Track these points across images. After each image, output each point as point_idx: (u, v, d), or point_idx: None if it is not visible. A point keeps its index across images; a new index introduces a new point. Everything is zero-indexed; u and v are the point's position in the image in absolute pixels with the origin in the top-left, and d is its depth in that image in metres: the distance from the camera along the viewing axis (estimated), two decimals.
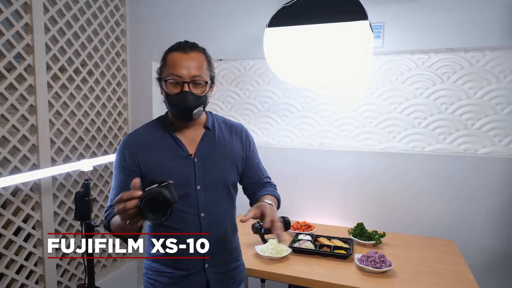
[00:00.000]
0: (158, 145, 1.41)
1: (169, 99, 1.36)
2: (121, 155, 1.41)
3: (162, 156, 1.39)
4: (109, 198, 1.41)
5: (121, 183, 1.38)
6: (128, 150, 1.40)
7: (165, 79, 1.34)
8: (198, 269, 1.42)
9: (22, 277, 2.26)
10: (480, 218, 2.38)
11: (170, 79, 1.34)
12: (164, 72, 1.36)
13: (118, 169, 1.40)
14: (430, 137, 2.50)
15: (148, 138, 1.43)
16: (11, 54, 2.16)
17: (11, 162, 2.18)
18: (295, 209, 2.75)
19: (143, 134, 1.45)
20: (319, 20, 2.15)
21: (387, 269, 1.85)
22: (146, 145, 1.41)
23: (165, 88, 1.35)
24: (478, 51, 2.37)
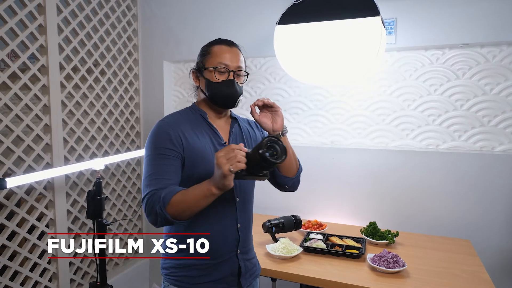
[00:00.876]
0: (197, 131, 1.42)
1: (215, 87, 1.42)
2: (164, 135, 1.35)
3: (202, 141, 1.40)
4: (146, 184, 1.30)
5: (165, 166, 1.32)
6: (172, 131, 1.36)
7: (214, 67, 1.41)
8: (231, 255, 1.45)
9: (36, 275, 2.29)
10: (497, 217, 2.32)
11: (219, 67, 1.41)
12: (209, 62, 1.43)
13: (159, 150, 1.33)
14: (445, 135, 2.46)
15: (187, 123, 1.42)
16: (25, 54, 2.20)
17: (25, 161, 2.22)
18: (307, 208, 2.73)
19: (181, 119, 1.44)
20: (330, 16, 2.13)
21: (400, 269, 1.81)
22: (187, 130, 1.40)
23: (209, 77, 1.42)
24: (495, 46, 2.32)
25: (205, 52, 1.47)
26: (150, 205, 1.26)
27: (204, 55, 1.47)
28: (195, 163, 1.37)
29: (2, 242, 2.09)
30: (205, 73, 1.44)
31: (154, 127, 1.41)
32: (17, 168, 2.18)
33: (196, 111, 1.48)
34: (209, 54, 1.45)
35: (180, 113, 1.48)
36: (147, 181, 1.31)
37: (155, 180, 1.30)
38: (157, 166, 1.33)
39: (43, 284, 2.35)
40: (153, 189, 1.28)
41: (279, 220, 2.14)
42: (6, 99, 2.09)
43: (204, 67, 1.44)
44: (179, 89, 3.21)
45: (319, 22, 2.15)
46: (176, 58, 3.11)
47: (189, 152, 1.36)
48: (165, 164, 1.33)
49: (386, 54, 2.50)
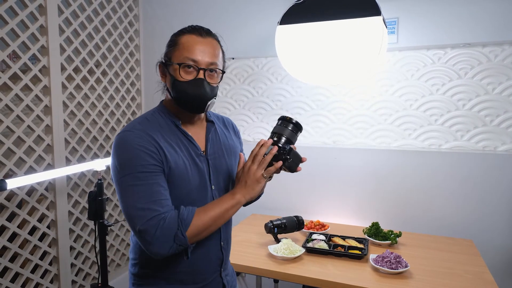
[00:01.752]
0: (172, 142, 1.20)
1: (180, 87, 1.18)
2: (139, 149, 1.11)
3: (180, 156, 1.19)
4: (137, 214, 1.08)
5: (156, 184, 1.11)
6: (152, 142, 1.13)
7: (179, 63, 1.17)
8: (215, 276, 1.32)
9: (37, 276, 2.29)
10: (500, 217, 2.31)
11: (185, 64, 1.17)
12: (175, 56, 1.19)
13: (141, 168, 1.10)
14: (447, 134, 2.45)
15: (158, 132, 1.18)
16: (26, 55, 2.20)
17: (26, 162, 2.21)
18: (309, 208, 2.73)
19: (150, 128, 1.18)
20: (331, 16, 2.12)
21: (403, 270, 1.80)
22: (162, 142, 1.17)
23: (174, 74, 1.19)
24: (497, 45, 2.31)
25: (173, 43, 1.22)
26: (162, 230, 1.07)
27: (171, 46, 1.22)
28: (173, 183, 1.17)
29: (3, 244, 2.09)
30: (170, 68, 1.21)
31: (119, 141, 1.14)
32: (18, 169, 2.18)
33: (166, 115, 1.25)
34: (176, 46, 1.20)
35: (148, 119, 1.22)
36: (139, 210, 1.07)
37: (151, 204, 1.08)
38: (146, 187, 1.10)
39: (44, 286, 2.35)
40: (159, 213, 1.08)
41: (281, 221, 2.13)
42: (7, 100, 2.09)
43: (170, 61, 1.20)
44: None
45: (321, 22, 2.14)
46: None
47: (168, 170, 1.16)
48: (155, 182, 1.11)
49: (388, 53, 2.49)
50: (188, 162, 1.20)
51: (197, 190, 1.22)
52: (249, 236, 2.29)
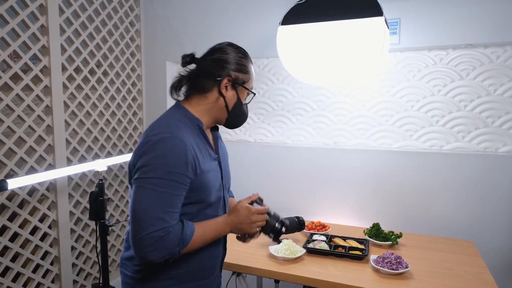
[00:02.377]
0: (199, 146, 1.27)
1: (242, 109, 1.37)
2: (180, 157, 1.17)
3: (205, 157, 1.28)
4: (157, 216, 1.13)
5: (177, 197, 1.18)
6: (188, 150, 1.19)
7: (252, 91, 1.39)
8: (217, 273, 1.44)
9: (38, 276, 2.29)
10: (501, 218, 2.31)
11: (252, 92, 1.39)
12: (249, 83, 1.37)
13: (173, 176, 1.15)
14: (449, 136, 2.44)
15: (192, 137, 1.26)
16: (27, 55, 2.19)
17: (27, 162, 2.21)
18: (310, 209, 2.73)
19: (186, 133, 1.24)
20: (333, 17, 2.12)
21: (403, 271, 1.80)
22: (195, 147, 1.24)
23: (241, 97, 1.36)
24: (499, 46, 2.31)
25: (245, 70, 1.35)
26: (163, 243, 1.12)
27: (243, 72, 1.35)
28: (197, 190, 1.25)
29: (4, 244, 2.09)
30: (240, 90, 1.35)
31: (163, 142, 1.17)
32: (19, 169, 2.18)
33: (192, 119, 1.31)
34: (248, 74, 1.36)
35: (181, 122, 1.28)
36: (160, 212, 1.13)
37: (169, 214, 1.15)
38: (171, 196, 1.16)
39: (45, 286, 2.35)
40: (169, 226, 1.14)
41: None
42: (8, 100, 2.09)
43: (243, 85, 1.35)
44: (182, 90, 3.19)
45: (322, 23, 2.14)
46: (179, 59, 3.07)
47: (197, 179, 1.23)
48: (177, 196, 1.18)
49: (389, 54, 2.49)
50: (210, 166, 1.29)
51: (217, 191, 1.33)
52: None
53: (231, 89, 1.33)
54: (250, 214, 1.30)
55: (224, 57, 1.32)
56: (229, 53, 1.33)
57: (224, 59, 1.32)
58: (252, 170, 2.86)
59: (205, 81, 1.33)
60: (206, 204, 1.29)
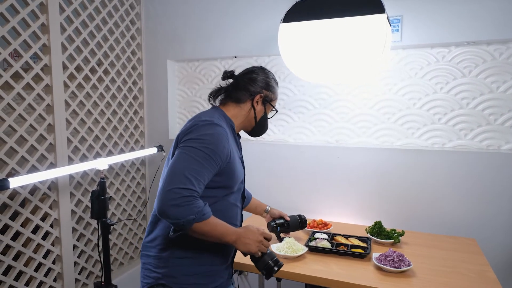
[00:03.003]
0: (232, 144, 1.51)
1: (266, 122, 1.69)
2: (223, 143, 1.40)
3: (235, 154, 1.51)
4: (186, 175, 1.28)
5: (208, 171, 1.35)
6: (228, 142, 1.43)
7: (274, 107, 1.70)
8: (231, 260, 1.61)
9: (40, 275, 2.29)
10: (503, 216, 2.30)
11: (275, 109, 1.71)
12: (274, 101, 1.70)
13: (212, 154, 1.35)
14: (451, 133, 2.44)
15: (229, 133, 1.51)
16: (28, 54, 2.19)
17: (28, 161, 2.21)
18: (312, 207, 2.72)
19: (227, 128, 1.51)
20: (335, 14, 2.11)
21: (406, 269, 1.80)
22: (231, 141, 1.49)
23: (267, 111, 1.68)
24: (501, 43, 2.29)
25: (273, 90, 1.67)
26: (186, 205, 1.24)
27: (272, 92, 1.66)
28: (230, 176, 1.47)
29: (6, 242, 2.09)
30: (267, 106, 1.66)
31: (214, 126, 1.42)
32: (20, 168, 2.17)
33: (228, 120, 1.57)
34: (275, 94, 1.68)
35: (221, 120, 1.52)
36: (189, 173, 1.29)
37: (197, 180, 1.30)
38: (203, 166, 1.33)
39: (47, 284, 2.35)
40: (195, 190, 1.28)
41: (284, 220, 2.12)
42: (9, 99, 2.09)
43: (270, 103, 1.67)
44: (183, 88, 3.20)
45: (324, 20, 2.13)
46: (180, 57, 3.10)
47: (228, 165, 1.44)
48: (208, 170, 1.35)
49: (391, 52, 2.48)
50: (238, 160, 1.53)
51: (239, 183, 1.56)
52: None
53: (261, 104, 1.63)
54: (258, 234, 1.40)
55: (258, 78, 1.63)
56: (260, 75, 1.64)
57: (258, 79, 1.63)
58: (253, 169, 2.86)
59: (241, 94, 1.61)
60: (230, 191, 1.51)
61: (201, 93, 3.12)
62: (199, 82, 3.12)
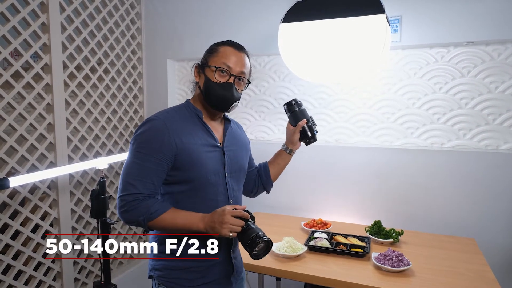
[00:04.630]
0: (192, 132, 1.40)
1: (212, 87, 1.41)
2: (158, 137, 1.33)
3: (197, 143, 1.39)
4: (128, 181, 1.30)
5: (152, 170, 1.32)
6: (167, 133, 1.33)
7: (216, 67, 1.40)
8: (225, 256, 1.47)
9: (40, 274, 2.30)
10: (502, 216, 2.31)
11: (221, 68, 1.40)
12: (213, 61, 1.42)
13: (149, 150, 1.32)
14: (450, 133, 2.44)
15: (182, 123, 1.40)
16: (28, 53, 2.19)
17: (28, 160, 2.21)
18: (311, 207, 2.73)
19: (176, 117, 1.40)
20: (335, 14, 2.12)
21: (405, 268, 1.80)
22: (182, 130, 1.37)
23: (209, 76, 1.41)
24: (500, 44, 2.30)
25: (212, 50, 1.45)
26: (133, 209, 1.29)
27: (210, 53, 1.45)
28: (188, 167, 1.36)
29: (6, 242, 2.09)
30: (206, 70, 1.43)
31: (148, 123, 1.36)
32: (20, 167, 2.18)
33: (191, 109, 1.46)
34: (215, 53, 1.43)
35: (175, 111, 1.44)
36: (131, 179, 1.31)
37: (141, 182, 1.31)
38: (143, 167, 1.31)
39: (47, 284, 2.35)
40: (140, 193, 1.30)
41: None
42: (9, 98, 2.09)
43: (207, 64, 1.43)
44: (183, 87, 3.20)
45: (324, 20, 2.14)
46: (180, 56, 3.10)
47: (183, 156, 1.35)
48: (152, 167, 1.32)
49: (391, 52, 2.49)
50: (204, 149, 1.40)
51: (213, 174, 1.41)
52: None
53: (202, 74, 1.45)
54: (223, 214, 1.27)
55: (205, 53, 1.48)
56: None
57: (204, 54, 1.48)
58: None
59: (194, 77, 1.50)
60: (200, 185, 1.38)
61: None
62: None
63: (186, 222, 1.31)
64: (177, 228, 1.32)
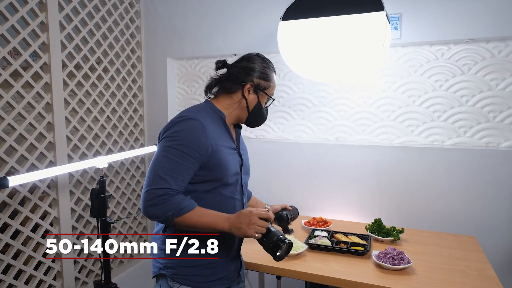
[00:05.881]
0: (220, 134, 1.48)
1: (261, 111, 1.59)
2: (198, 136, 1.38)
3: (224, 145, 1.47)
4: (160, 175, 1.33)
5: (186, 167, 1.36)
6: (205, 134, 1.40)
7: (271, 97, 1.60)
8: (235, 253, 1.58)
9: (40, 273, 2.29)
10: (503, 213, 2.31)
11: (271, 98, 1.60)
12: (269, 90, 1.58)
13: (186, 149, 1.36)
14: (450, 131, 2.44)
15: (213, 125, 1.47)
16: (27, 52, 2.18)
17: (28, 159, 2.21)
18: (311, 205, 2.72)
19: (209, 120, 1.46)
20: (334, 12, 2.11)
21: (405, 266, 1.80)
22: (214, 132, 1.44)
23: (261, 101, 1.57)
24: (500, 41, 2.29)
25: (268, 77, 1.57)
26: (162, 203, 1.30)
27: (266, 80, 1.56)
28: (216, 168, 1.44)
29: (5, 241, 2.09)
30: (261, 95, 1.56)
31: (186, 121, 1.40)
32: (20, 167, 2.17)
33: (216, 112, 1.53)
34: (270, 82, 1.58)
35: (206, 112, 1.49)
36: (162, 173, 1.33)
37: (172, 178, 1.33)
38: (178, 164, 1.35)
39: (47, 283, 2.35)
40: (171, 188, 1.32)
41: (289, 210, 2.05)
42: (8, 97, 2.08)
43: (264, 91, 1.56)
44: (183, 86, 3.20)
45: (323, 18, 2.13)
46: (180, 55, 3.09)
47: (214, 157, 1.42)
48: (186, 165, 1.36)
49: (391, 49, 2.48)
50: (228, 152, 1.49)
51: (233, 176, 1.50)
52: None
53: (253, 93, 1.55)
54: (250, 215, 1.33)
55: (250, 66, 1.55)
56: (255, 63, 1.56)
57: (250, 67, 1.55)
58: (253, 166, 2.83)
59: (231, 84, 1.55)
60: (222, 184, 1.47)
61: (200, 91, 3.12)
62: (199, 80, 3.12)
63: (212, 221, 1.35)
64: (201, 226, 1.35)
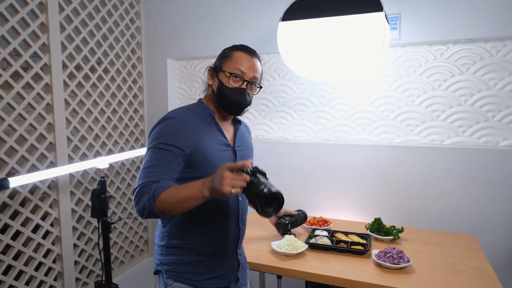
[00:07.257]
0: (206, 131, 1.44)
1: (226, 92, 1.45)
2: (175, 132, 1.36)
3: (210, 142, 1.42)
4: (141, 175, 1.31)
5: (166, 161, 1.32)
6: (184, 130, 1.37)
7: (230, 72, 1.44)
8: (231, 252, 1.53)
9: (40, 274, 2.30)
10: (502, 212, 2.31)
11: (234, 74, 1.44)
12: (227, 66, 1.45)
13: (165, 146, 1.33)
14: (449, 130, 2.44)
15: (196, 122, 1.43)
16: (27, 53, 2.19)
17: (28, 160, 2.22)
18: (312, 204, 2.73)
19: (191, 117, 1.44)
20: (333, 12, 2.12)
21: (405, 265, 1.81)
22: (198, 129, 1.41)
23: (223, 81, 1.45)
24: (499, 41, 2.30)
25: (226, 55, 1.48)
26: (139, 196, 1.27)
27: (224, 58, 1.48)
28: (201, 165, 1.39)
29: (6, 242, 2.09)
30: (220, 75, 1.46)
31: (164, 121, 1.39)
32: (20, 168, 2.18)
33: (204, 109, 1.49)
34: (229, 58, 1.46)
35: (189, 110, 1.47)
36: (143, 173, 1.32)
37: (151, 173, 1.30)
38: (157, 160, 1.33)
39: (48, 284, 2.36)
40: (146, 181, 1.28)
41: (292, 216, 2.13)
42: (9, 98, 2.09)
43: (221, 69, 1.46)
44: (183, 87, 3.20)
45: (323, 18, 2.14)
46: (180, 56, 3.10)
47: (197, 154, 1.38)
48: (166, 159, 1.33)
49: (390, 49, 2.49)
50: (217, 148, 1.44)
51: None
52: (252, 232, 2.29)
53: (215, 77, 1.48)
54: (220, 170, 1.17)
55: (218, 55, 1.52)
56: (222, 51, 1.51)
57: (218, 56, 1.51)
58: None
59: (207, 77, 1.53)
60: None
61: (200, 91, 3.12)
62: (199, 80, 3.12)
63: (189, 192, 1.22)
64: (181, 201, 1.22)
